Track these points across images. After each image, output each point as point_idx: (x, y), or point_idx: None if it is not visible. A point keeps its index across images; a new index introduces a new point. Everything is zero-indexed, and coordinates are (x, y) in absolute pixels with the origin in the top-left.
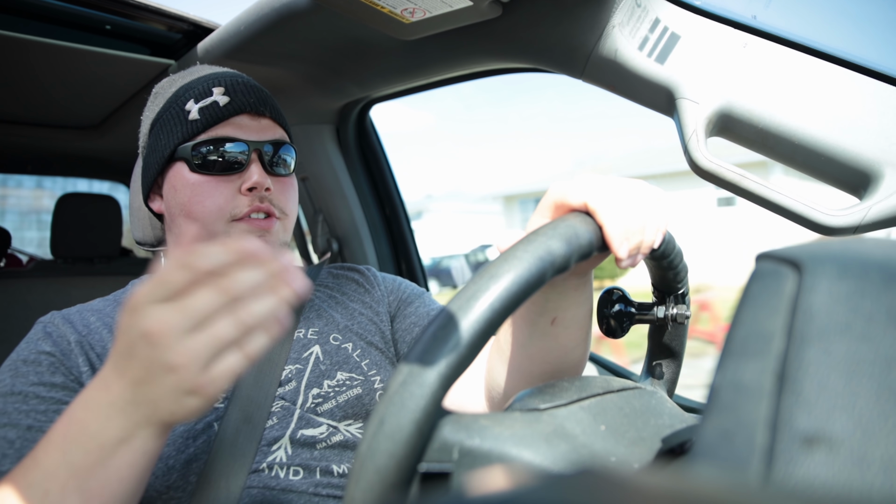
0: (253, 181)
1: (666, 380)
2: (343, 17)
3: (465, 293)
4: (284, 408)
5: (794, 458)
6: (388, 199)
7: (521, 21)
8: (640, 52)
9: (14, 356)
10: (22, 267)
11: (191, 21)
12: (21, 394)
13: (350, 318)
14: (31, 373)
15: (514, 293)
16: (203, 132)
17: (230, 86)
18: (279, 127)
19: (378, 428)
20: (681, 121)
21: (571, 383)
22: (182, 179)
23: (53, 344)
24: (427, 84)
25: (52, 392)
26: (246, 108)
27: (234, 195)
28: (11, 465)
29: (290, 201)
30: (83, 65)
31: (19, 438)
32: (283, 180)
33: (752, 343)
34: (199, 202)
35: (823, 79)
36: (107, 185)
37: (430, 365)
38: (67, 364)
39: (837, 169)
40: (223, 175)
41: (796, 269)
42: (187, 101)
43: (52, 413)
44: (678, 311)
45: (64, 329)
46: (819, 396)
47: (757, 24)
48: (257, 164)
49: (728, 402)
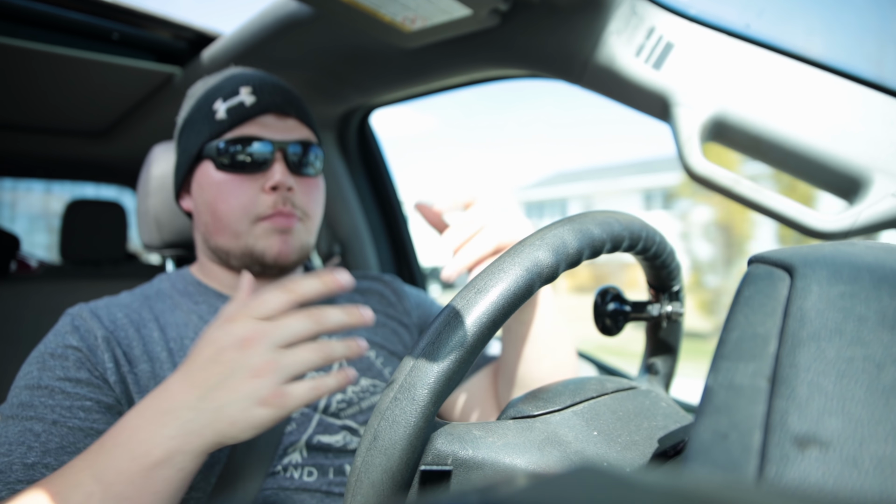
0: (275, 180)
1: (662, 375)
2: (345, 25)
3: (453, 308)
4: (304, 413)
5: (786, 458)
6: (389, 204)
7: (519, 30)
8: (637, 59)
9: (42, 348)
10: (31, 271)
11: (195, 30)
12: (47, 388)
13: (373, 329)
14: (58, 367)
15: (501, 307)
16: (229, 131)
17: (257, 86)
18: (306, 128)
19: (372, 443)
20: (676, 127)
21: (565, 387)
22: (208, 178)
23: (81, 339)
24: (427, 91)
25: (76, 388)
26: (272, 107)
27: (257, 194)
28: (37, 458)
29: (313, 202)
30: (91, 73)
31: (45, 432)
32: (307, 181)
33: (745, 345)
34: (223, 200)
35: (815, 87)
36: (114, 189)
37: (422, 380)
38: (93, 360)
39: (828, 175)
40: (247, 174)
41: (789, 272)
42: (215, 101)
43: (76, 409)
44: (672, 309)
45: (91, 324)
46: (811, 398)
47: (750, 34)
48: (281, 164)
49: (722, 404)
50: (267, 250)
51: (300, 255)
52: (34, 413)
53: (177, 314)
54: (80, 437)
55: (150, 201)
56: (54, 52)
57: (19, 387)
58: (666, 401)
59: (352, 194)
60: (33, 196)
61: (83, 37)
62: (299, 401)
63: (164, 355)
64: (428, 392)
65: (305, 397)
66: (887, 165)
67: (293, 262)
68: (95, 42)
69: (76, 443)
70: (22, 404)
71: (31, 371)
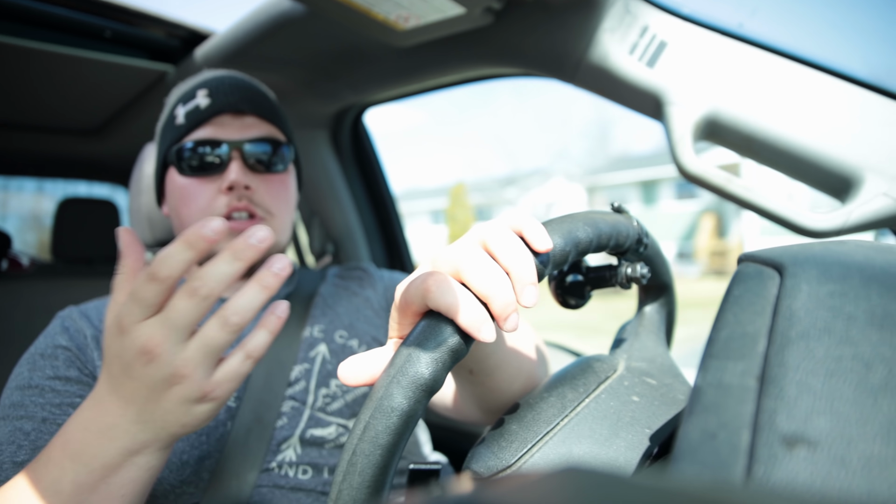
0: (230, 180)
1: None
2: (338, 24)
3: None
4: (295, 408)
5: (774, 458)
6: (382, 202)
7: (513, 28)
8: (630, 57)
9: (32, 350)
10: (23, 270)
11: (188, 28)
12: (38, 387)
13: (355, 313)
14: (48, 367)
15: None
16: (186, 135)
17: (214, 87)
18: (268, 124)
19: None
20: (668, 125)
21: (527, 429)
22: (173, 183)
23: (70, 338)
24: (421, 89)
25: (67, 386)
26: (226, 107)
27: (215, 195)
28: (27, 457)
29: (277, 200)
30: (83, 71)
31: (35, 430)
32: (269, 178)
33: (734, 344)
34: (184, 204)
35: (807, 86)
36: (106, 187)
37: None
38: (83, 359)
39: (820, 173)
40: (206, 176)
41: (778, 271)
42: (176, 107)
43: (66, 406)
44: (635, 271)
45: (80, 323)
46: (800, 397)
47: (743, 33)
48: (237, 163)
49: (711, 403)
50: None
51: (265, 255)
52: (24, 412)
53: None
54: None
55: (143, 199)
56: (46, 49)
57: (10, 388)
58: (640, 384)
59: (345, 192)
60: (24, 196)
61: (76, 34)
62: (234, 382)
63: None
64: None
65: (238, 373)
66: (879, 164)
67: (258, 262)
68: (88, 40)
69: None
70: (13, 404)
71: (22, 372)
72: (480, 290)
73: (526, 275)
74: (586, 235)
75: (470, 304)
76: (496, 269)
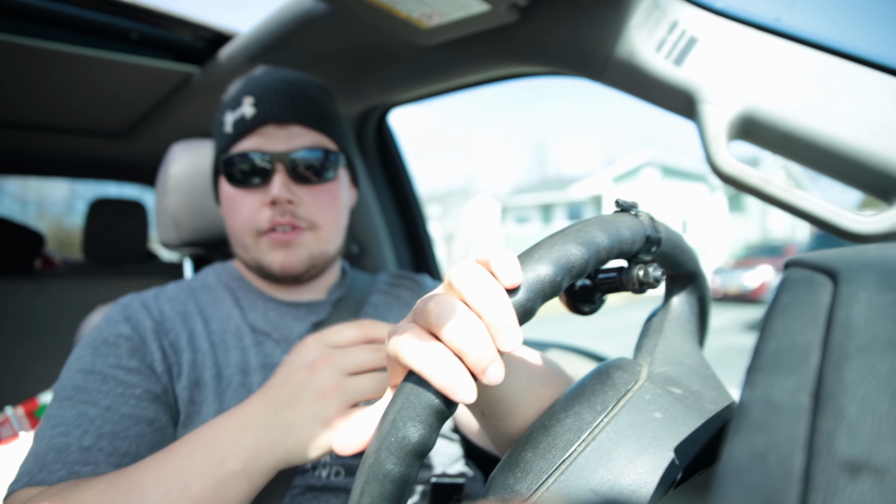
0: (272, 195)
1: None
2: (361, 23)
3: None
4: None
5: (835, 486)
6: (407, 203)
7: (539, 25)
8: (659, 54)
9: (95, 334)
10: (55, 268)
11: (213, 29)
12: (101, 374)
13: None
14: (111, 354)
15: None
16: (233, 145)
17: (259, 95)
18: (314, 132)
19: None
20: (702, 124)
21: (543, 458)
22: (223, 191)
23: (132, 328)
24: (446, 89)
25: (128, 376)
26: (270, 118)
27: (259, 208)
28: (91, 442)
29: (323, 210)
30: (111, 72)
31: (99, 417)
32: (314, 189)
33: (784, 358)
34: (231, 215)
35: (851, 81)
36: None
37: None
38: (143, 350)
39: (865, 173)
40: (252, 188)
41: (831, 277)
42: (226, 112)
43: (128, 396)
44: (647, 274)
45: (141, 315)
46: (863, 419)
47: (780, 27)
48: (281, 175)
49: (759, 422)
50: (272, 264)
51: (310, 264)
52: (88, 397)
53: (220, 308)
54: (130, 424)
55: (168, 200)
56: (75, 52)
57: (73, 370)
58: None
59: (370, 194)
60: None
61: (103, 37)
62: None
63: (206, 347)
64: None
65: (363, 423)
66: None
67: (302, 272)
68: (115, 42)
69: (127, 429)
70: (76, 387)
71: (85, 356)
72: (452, 344)
73: (498, 318)
74: (581, 255)
75: (442, 364)
76: (468, 317)
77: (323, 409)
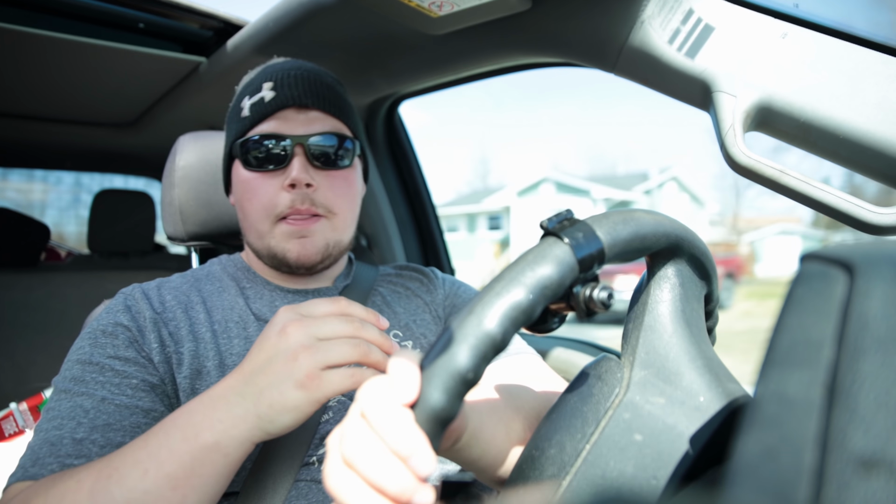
0: (292, 177)
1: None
2: (370, 11)
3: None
4: (340, 402)
5: (848, 482)
6: (417, 196)
7: (551, 14)
8: (674, 43)
9: (95, 325)
10: (61, 260)
11: (221, 18)
12: (98, 364)
13: (412, 314)
14: (109, 345)
15: None
16: (251, 129)
17: (279, 80)
18: (332, 118)
19: None
20: (717, 115)
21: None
22: (238, 176)
23: (132, 318)
24: (456, 80)
25: (125, 366)
26: (290, 101)
27: (277, 192)
28: (85, 434)
29: (340, 197)
30: (118, 63)
31: (93, 409)
32: (332, 175)
33: (798, 351)
34: (248, 199)
35: (871, 68)
36: (142, 180)
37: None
38: (140, 340)
39: (886, 164)
40: (270, 172)
41: (847, 271)
42: (243, 98)
43: (124, 386)
44: (592, 296)
45: (142, 305)
46: (877, 414)
47: (799, 13)
48: (300, 158)
49: (772, 416)
50: (287, 253)
51: (325, 254)
52: (85, 389)
53: (224, 297)
54: (125, 415)
55: (175, 192)
56: (81, 42)
57: (72, 361)
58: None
59: (379, 186)
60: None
61: (110, 26)
62: (334, 386)
63: (208, 336)
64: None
65: (341, 384)
66: None
67: (317, 262)
68: (122, 32)
69: (122, 420)
70: (74, 379)
71: (84, 347)
72: (370, 481)
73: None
74: (499, 332)
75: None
76: (376, 451)
77: (294, 371)
